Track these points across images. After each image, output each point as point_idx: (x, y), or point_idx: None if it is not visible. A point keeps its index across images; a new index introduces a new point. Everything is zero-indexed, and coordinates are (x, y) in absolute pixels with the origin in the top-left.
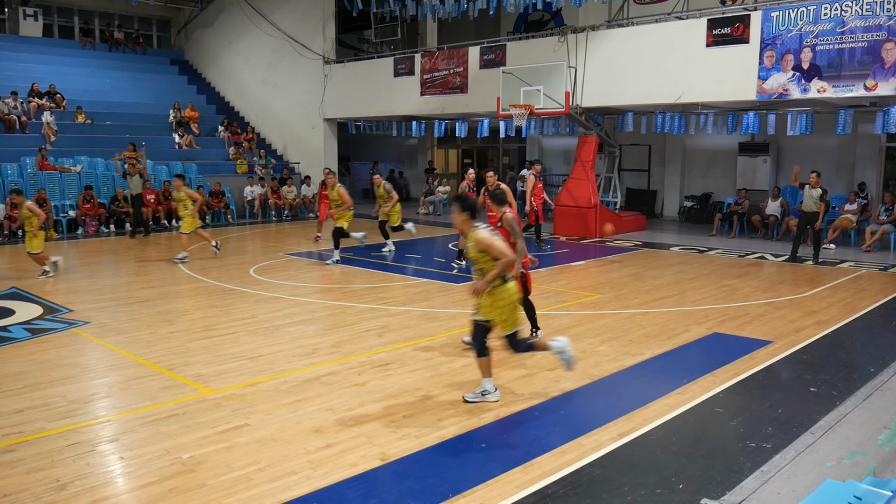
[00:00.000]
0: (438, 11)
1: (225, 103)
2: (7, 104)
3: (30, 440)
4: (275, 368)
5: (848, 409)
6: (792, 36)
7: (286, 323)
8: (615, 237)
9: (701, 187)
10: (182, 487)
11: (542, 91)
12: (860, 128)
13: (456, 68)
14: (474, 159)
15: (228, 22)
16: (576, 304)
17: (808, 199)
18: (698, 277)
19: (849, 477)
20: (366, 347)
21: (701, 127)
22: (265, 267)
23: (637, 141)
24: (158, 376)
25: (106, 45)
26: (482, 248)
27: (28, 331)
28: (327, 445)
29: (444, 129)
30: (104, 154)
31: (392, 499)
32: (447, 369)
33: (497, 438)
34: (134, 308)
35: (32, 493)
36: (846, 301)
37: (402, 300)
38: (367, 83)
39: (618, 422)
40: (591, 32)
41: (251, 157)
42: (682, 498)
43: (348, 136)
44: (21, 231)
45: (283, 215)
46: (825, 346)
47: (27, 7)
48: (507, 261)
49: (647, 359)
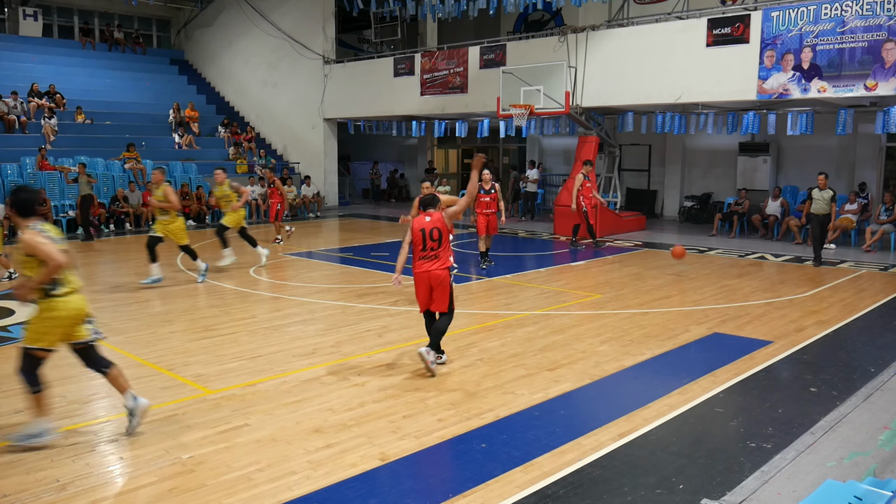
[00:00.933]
0: (438, 11)
1: (225, 103)
2: (7, 104)
3: None
4: (275, 368)
5: (848, 410)
6: (792, 36)
7: (286, 323)
8: (615, 237)
9: (701, 187)
10: (182, 487)
11: (542, 91)
12: (860, 128)
13: (456, 68)
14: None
15: (228, 22)
16: (576, 304)
17: (820, 201)
18: (698, 277)
19: (849, 477)
20: (366, 347)
21: (701, 127)
22: (265, 267)
23: (637, 141)
24: (158, 376)
25: (106, 45)
26: (28, 252)
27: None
28: (327, 445)
29: (444, 129)
30: (104, 154)
31: (392, 499)
32: (447, 369)
33: (497, 438)
34: (134, 308)
35: (32, 494)
36: (846, 301)
37: (402, 300)
38: (367, 83)
39: (618, 422)
40: (591, 32)
41: (251, 157)
42: (682, 498)
43: (348, 136)
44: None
45: (283, 215)
46: (825, 347)
47: (27, 7)
48: (55, 265)
49: (647, 359)
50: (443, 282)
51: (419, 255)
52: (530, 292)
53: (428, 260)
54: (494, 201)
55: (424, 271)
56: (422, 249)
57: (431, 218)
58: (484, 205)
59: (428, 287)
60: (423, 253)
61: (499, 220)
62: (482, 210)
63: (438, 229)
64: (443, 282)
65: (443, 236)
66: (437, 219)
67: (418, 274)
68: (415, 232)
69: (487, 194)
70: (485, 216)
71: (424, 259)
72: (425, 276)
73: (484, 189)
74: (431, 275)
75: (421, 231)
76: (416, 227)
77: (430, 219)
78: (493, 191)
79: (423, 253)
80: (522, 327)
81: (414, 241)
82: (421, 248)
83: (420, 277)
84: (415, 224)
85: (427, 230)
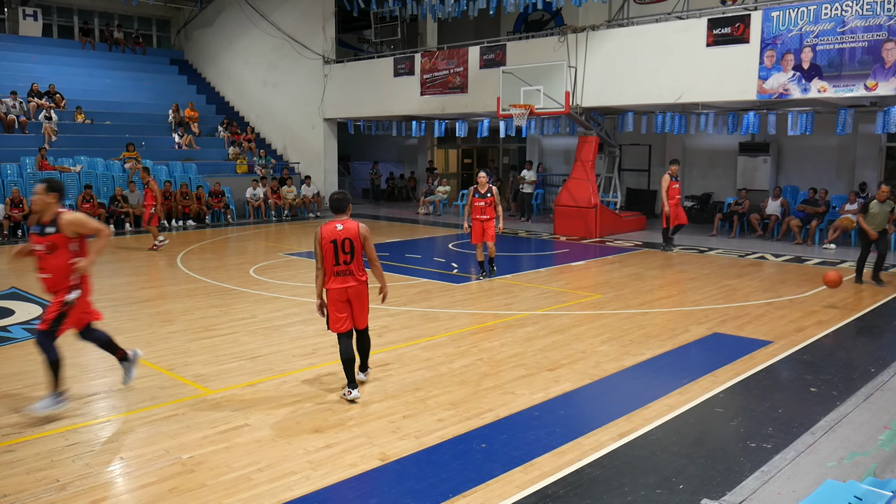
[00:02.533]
0: (438, 11)
1: (225, 103)
2: (7, 104)
3: (30, 440)
4: (275, 368)
5: (848, 410)
6: (792, 36)
7: (286, 323)
8: (615, 237)
9: (701, 187)
10: (182, 488)
11: (542, 91)
12: (860, 128)
13: (456, 68)
14: (474, 159)
15: (228, 22)
16: (576, 304)
17: (881, 215)
18: (698, 277)
19: (849, 477)
20: None
21: (701, 127)
22: (265, 267)
23: (637, 141)
24: (158, 376)
25: (106, 45)
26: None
27: (28, 331)
28: (327, 445)
29: (444, 129)
30: (104, 154)
31: (392, 499)
32: (447, 369)
33: (497, 438)
34: (134, 308)
35: (32, 494)
36: (846, 301)
37: (402, 300)
38: (367, 83)
39: (618, 422)
40: (592, 32)
41: (251, 157)
42: (682, 498)
43: (348, 135)
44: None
45: (283, 215)
46: (825, 347)
47: (27, 7)
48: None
49: (647, 359)
50: (361, 293)
51: (332, 271)
52: (530, 292)
53: (342, 276)
54: (491, 206)
55: (341, 287)
56: (334, 264)
57: (343, 226)
58: (479, 210)
59: (346, 303)
60: (336, 268)
61: (496, 226)
62: (477, 216)
63: (350, 240)
64: (361, 293)
65: (355, 248)
66: (350, 228)
67: (334, 290)
68: (325, 243)
69: (482, 198)
70: (479, 222)
71: (339, 275)
72: (343, 293)
73: (479, 193)
74: (350, 291)
75: (332, 242)
76: (325, 237)
77: (341, 227)
78: (490, 195)
79: (337, 268)
80: (522, 327)
81: (325, 254)
82: (333, 263)
83: (336, 294)
84: (325, 234)
85: (339, 241)
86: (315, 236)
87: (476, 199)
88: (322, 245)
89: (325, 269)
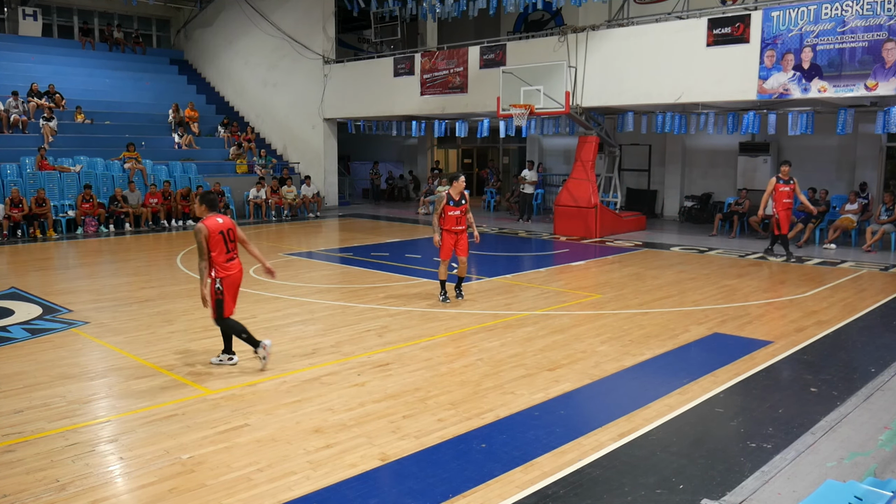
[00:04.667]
0: (438, 11)
1: (225, 103)
2: (6, 104)
3: (29, 440)
4: (275, 368)
5: (848, 410)
6: (792, 35)
7: (286, 323)
8: (615, 237)
9: (701, 187)
10: (182, 488)
11: (542, 91)
12: (861, 128)
13: (456, 68)
14: (474, 159)
15: (228, 22)
16: (576, 304)
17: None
18: (698, 277)
19: (849, 477)
20: (366, 347)
21: (701, 127)
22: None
23: (637, 141)
24: (158, 376)
25: (105, 45)
26: None
27: (27, 331)
28: (327, 445)
29: (444, 128)
30: (103, 154)
31: (392, 499)
32: (447, 369)
33: (497, 438)
34: (133, 308)
35: (32, 494)
36: (847, 301)
37: (402, 300)
38: (366, 83)
39: (618, 422)
40: (592, 32)
41: (251, 157)
42: (682, 498)
43: (348, 135)
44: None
45: (283, 215)
46: (826, 347)
47: (26, 7)
48: None
49: (647, 359)
50: None
51: (226, 259)
52: (530, 292)
53: (234, 260)
54: (465, 214)
55: (238, 271)
56: (226, 251)
57: (223, 220)
58: (453, 220)
59: (238, 287)
60: (228, 255)
61: (470, 238)
62: (450, 227)
63: (231, 229)
64: None
65: (235, 236)
66: (227, 220)
67: (233, 276)
68: (213, 235)
69: (457, 206)
70: (452, 235)
71: (232, 260)
72: (239, 277)
73: (453, 200)
74: (241, 274)
75: (221, 233)
76: (213, 230)
77: (222, 220)
78: (464, 202)
79: (230, 255)
80: (522, 327)
81: (215, 245)
82: (225, 251)
83: (234, 279)
84: (212, 227)
85: (225, 231)
86: (200, 231)
87: (450, 206)
88: (211, 237)
89: (213, 259)
